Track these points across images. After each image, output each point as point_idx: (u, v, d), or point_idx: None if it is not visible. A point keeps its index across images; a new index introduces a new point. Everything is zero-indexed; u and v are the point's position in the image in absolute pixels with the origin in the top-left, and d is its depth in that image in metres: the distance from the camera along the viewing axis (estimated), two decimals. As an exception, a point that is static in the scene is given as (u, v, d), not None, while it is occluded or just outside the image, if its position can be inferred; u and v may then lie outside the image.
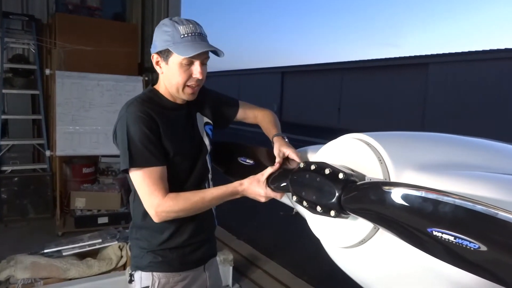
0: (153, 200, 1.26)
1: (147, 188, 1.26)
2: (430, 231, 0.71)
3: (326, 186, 0.97)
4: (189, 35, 1.28)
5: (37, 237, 3.84)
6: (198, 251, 1.49)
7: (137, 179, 1.28)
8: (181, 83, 1.32)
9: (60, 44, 4.40)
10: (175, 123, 1.36)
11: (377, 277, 1.02)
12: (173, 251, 1.42)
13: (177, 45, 1.27)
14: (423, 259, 0.79)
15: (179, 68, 1.30)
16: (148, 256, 1.41)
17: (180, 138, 1.36)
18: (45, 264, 2.67)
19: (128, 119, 1.28)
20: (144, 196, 1.28)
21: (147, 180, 1.26)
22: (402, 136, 1.14)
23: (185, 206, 1.27)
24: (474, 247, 0.65)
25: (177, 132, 1.36)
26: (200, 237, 1.49)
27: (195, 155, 1.42)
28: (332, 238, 1.04)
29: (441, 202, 0.72)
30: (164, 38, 1.29)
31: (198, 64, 1.30)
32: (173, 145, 1.32)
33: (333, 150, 1.09)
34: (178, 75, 1.31)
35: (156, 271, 1.40)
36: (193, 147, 1.41)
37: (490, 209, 0.65)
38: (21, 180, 4.51)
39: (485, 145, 1.21)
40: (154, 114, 1.30)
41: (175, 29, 1.28)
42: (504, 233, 0.64)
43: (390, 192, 0.80)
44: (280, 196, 1.25)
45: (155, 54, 1.33)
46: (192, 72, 1.31)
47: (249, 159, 1.43)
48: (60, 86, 4.19)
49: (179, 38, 1.27)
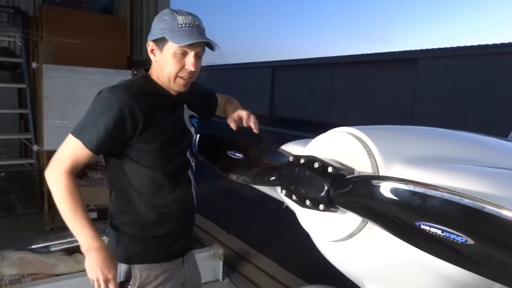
0: (58, 167, 1.27)
1: (64, 158, 1.27)
2: (418, 225, 0.72)
3: (315, 180, 0.97)
4: (187, 26, 1.28)
5: (24, 232, 3.79)
6: (179, 243, 1.47)
7: (67, 145, 1.29)
8: (173, 73, 1.32)
9: (47, 37, 4.32)
10: (162, 111, 1.36)
11: (365, 270, 1.02)
12: (154, 241, 1.40)
13: (173, 33, 1.27)
14: (411, 253, 0.80)
15: (172, 58, 1.29)
16: (127, 245, 1.39)
17: (167, 127, 1.36)
18: (32, 260, 2.64)
19: (106, 101, 1.29)
20: (57, 157, 1.29)
21: (71, 153, 1.28)
22: (391, 130, 1.15)
23: (60, 199, 1.27)
24: (462, 240, 0.66)
25: (164, 120, 1.36)
26: (182, 228, 1.48)
27: (181, 145, 1.42)
28: (321, 232, 1.04)
29: (429, 196, 0.72)
30: (162, 26, 1.29)
31: (192, 55, 1.30)
32: (159, 133, 1.33)
33: (323, 144, 1.08)
34: (171, 65, 1.30)
35: (136, 262, 1.38)
36: (179, 136, 1.42)
37: (477, 202, 0.66)
38: (8, 175, 4.44)
39: (473, 139, 1.22)
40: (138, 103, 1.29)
41: (173, 18, 1.28)
42: (491, 226, 0.65)
43: (379, 186, 0.80)
44: None
45: (151, 41, 1.33)
46: (185, 63, 1.31)
47: (239, 152, 1.42)
48: (47, 80, 4.13)
49: (176, 27, 1.27)
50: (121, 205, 1.41)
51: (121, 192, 1.40)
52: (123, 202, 1.40)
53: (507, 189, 0.81)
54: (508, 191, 0.80)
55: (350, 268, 1.07)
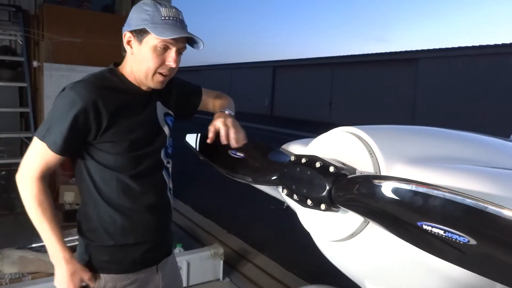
0: (27, 173, 1.22)
1: (33, 163, 1.22)
2: (420, 225, 0.71)
3: (316, 179, 0.97)
4: (171, 19, 1.20)
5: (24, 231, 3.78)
6: (152, 251, 1.36)
7: (33, 150, 1.23)
8: (152, 69, 1.23)
9: (48, 36, 4.33)
10: (131, 108, 1.28)
11: (367, 271, 1.02)
12: (123, 250, 1.31)
13: (156, 25, 1.18)
14: (413, 253, 0.79)
15: (152, 52, 1.21)
16: (95, 254, 1.31)
17: (136, 126, 1.27)
18: (33, 259, 2.64)
19: (67, 98, 1.20)
20: (26, 162, 1.23)
21: (39, 158, 1.21)
22: (393, 129, 1.14)
23: (30, 207, 1.23)
24: (464, 241, 0.66)
25: (132, 118, 1.27)
26: (156, 234, 1.38)
27: (153, 145, 1.33)
28: (322, 232, 1.04)
29: (431, 196, 0.72)
30: (143, 16, 1.20)
31: (174, 51, 1.22)
32: (126, 132, 1.25)
33: (324, 143, 1.08)
34: (150, 59, 1.22)
35: (102, 272, 1.30)
36: (151, 136, 1.32)
37: (480, 203, 0.66)
38: (8, 174, 4.44)
39: (475, 139, 1.22)
40: (103, 99, 1.20)
41: (156, 10, 1.20)
42: (493, 226, 0.64)
43: (381, 186, 0.80)
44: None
45: (128, 32, 1.23)
46: (166, 59, 1.22)
47: (240, 152, 1.42)
48: (48, 78, 4.14)
49: (160, 19, 1.19)
50: (88, 210, 1.31)
51: (88, 197, 1.30)
52: (90, 207, 1.30)
53: (509, 189, 0.80)
54: (510, 191, 0.79)
55: (351, 268, 1.07)
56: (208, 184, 5.88)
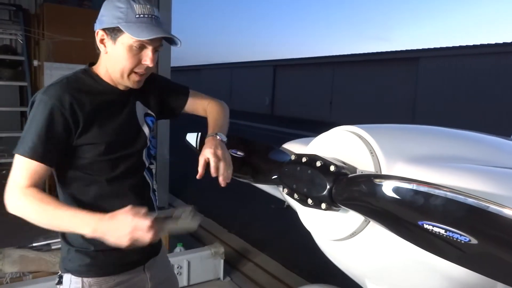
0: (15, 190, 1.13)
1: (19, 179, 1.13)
2: (421, 224, 0.71)
3: (317, 178, 0.97)
4: (146, 16, 1.14)
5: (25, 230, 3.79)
6: (137, 252, 1.22)
7: (17, 165, 1.15)
8: (128, 69, 1.18)
9: (49, 35, 4.32)
10: (108, 109, 1.23)
11: (367, 270, 1.02)
12: (106, 253, 1.24)
13: (130, 24, 1.13)
14: (414, 252, 0.79)
15: (128, 52, 1.16)
16: (77, 258, 1.25)
17: (113, 127, 1.22)
18: (34, 258, 2.64)
19: (40, 104, 1.14)
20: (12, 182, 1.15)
21: (24, 172, 1.13)
22: (394, 128, 1.14)
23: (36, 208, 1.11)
24: (465, 240, 0.65)
25: (110, 119, 1.22)
26: None
27: (134, 147, 1.28)
28: (323, 231, 1.04)
29: (432, 195, 0.71)
30: (116, 14, 1.14)
31: (150, 50, 1.17)
32: (103, 134, 1.20)
33: (325, 142, 1.08)
34: (125, 59, 1.17)
35: (85, 276, 1.25)
36: (130, 138, 1.28)
37: (481, 202, 0.65)
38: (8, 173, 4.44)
39: (476, 138, 1.21)
40: (78, 101, 1.15)
41: (130, 7, 1.14)
42: (495, 226, 0.64)
43: (381, 185, 0.80)
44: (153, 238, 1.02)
45: (101, 30, 1.17)
46: (142, 58, 1.18)
47: (240, 151, 1.41)
48: (49, 77, 4.13)
49: (134, 17, 1.13)
50: None
51: (67, 201, 1.24)
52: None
53: (510, 188, 0.80)
54: (511, 191, 0.79)
55: (352, 267, 1.07)
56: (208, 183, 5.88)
